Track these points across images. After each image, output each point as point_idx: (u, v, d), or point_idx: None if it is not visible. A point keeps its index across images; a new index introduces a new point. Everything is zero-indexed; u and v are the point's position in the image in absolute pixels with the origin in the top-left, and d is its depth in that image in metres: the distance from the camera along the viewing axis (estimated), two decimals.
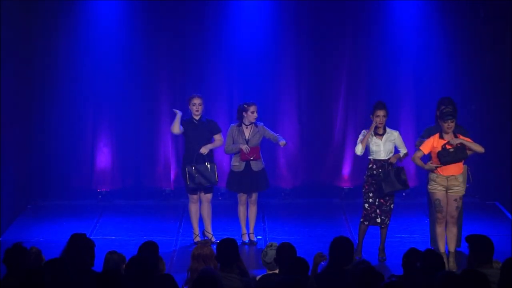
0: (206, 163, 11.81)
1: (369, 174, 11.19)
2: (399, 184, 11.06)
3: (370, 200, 11.16)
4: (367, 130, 11.18)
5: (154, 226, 12.99)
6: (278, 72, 14.36)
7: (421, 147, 10.84)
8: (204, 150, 11.82)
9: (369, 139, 11.16)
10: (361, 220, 11.25)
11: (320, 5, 14.18)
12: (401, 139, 11.29)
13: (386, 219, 11.20)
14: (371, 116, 11.22)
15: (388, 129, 11.22)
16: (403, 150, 11.24)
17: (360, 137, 11.23)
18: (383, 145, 11.14)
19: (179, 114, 11.86)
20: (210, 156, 11.93)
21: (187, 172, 11.76)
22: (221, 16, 14.18)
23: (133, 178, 14.50)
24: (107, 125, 14.34)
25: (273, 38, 14.27)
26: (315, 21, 14.24)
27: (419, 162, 10.84)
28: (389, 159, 11.14)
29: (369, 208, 11.17)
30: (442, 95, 11.76)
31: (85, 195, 14.37)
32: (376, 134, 11.16)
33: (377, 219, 11.19)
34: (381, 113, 11.11)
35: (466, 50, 14.14)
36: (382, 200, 11.16)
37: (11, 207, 12.97)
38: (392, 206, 11.24)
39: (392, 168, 11.11)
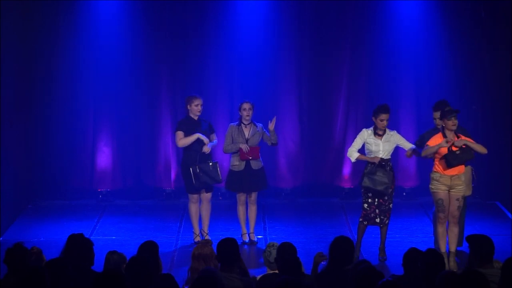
0: (209, 162, 11.82)
1: None
2: (379, 186, 11.03)
3: (369, 200, 11.16)
4: (368, 129, 11.18)
5: (154, 226, 12.99)
6: (278, 72, 14.36)
7: (428, 143, 10.78)
8: (206, 149, 11.83)
9: (368, 140, 11.15)
10: (360, 220, 11.25)
11: (321, 4, 14.18)
12: (400, 136, 11.29)
13: (385, 218, 11.19)
14: (373, 118, 11.19)
15: (387, 130, 11.21)
16: (409, 145, 11.22)
17: (359, 139, 11.20)
18: (382, 145, 11.14)
19: (197, 135, 11.83)
20: (211, 154, 11.94)
21: (192, 172, 11.75)
22: (221, 16, 14.18)
23: (134, 178, 14.51)
24: (107, 125, 14.35)
25: (273, 38, 14.27)
26: (315, 21, 14.25)
27: (433, 149, 10.71)
28: (387, 159, 11.12)
29: (368, 208, 11.17)
30: (442, 95, 11.77)
31: (86, 195, 14.38)
32: (376, 134, 11.16)
33: (376, 219, 11.18)
34: (385, 117, 11.08)
35: (466, 50, 14.14)
36: (381, 200, 11.15)
37: (11, 207, 12.97)
38: (391, 205, 11.22)
39: (382, 168, 11.06)
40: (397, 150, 11.79)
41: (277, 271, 7.88)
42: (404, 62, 14.28)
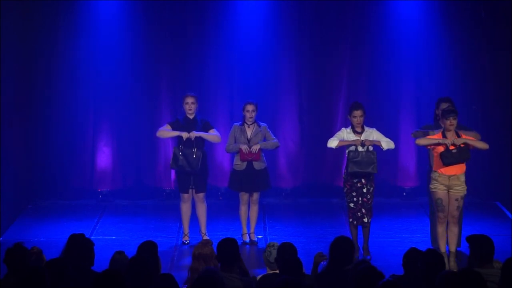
0: (194, 149, 11.79)
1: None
2: (367, 167, 11.05)
3: (354, 199, 11.20)
4: (346, 128, 11.25)
5: (154, 226, 12.99)
6: (279, 72, 14.36)
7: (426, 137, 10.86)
8: (192, 134, 11.79)
9: (347, 137, 11.20)
10: (350, 220, 11.28)
11: (321, 4, 14.18)
12: (380, 134, 11.31)
13: (370, 218, 11.23)
14: (348, 116, 11.28)
15: (366, 128, 11.29)
16: (383, 139, 11.23)
17: (340, 133, 11.26)
18: None
19: (176, 133, 11.86)
20: (201, 144, 11.86)
21: (172, 153, 11.80)
22: (221, 16, 14.18)
23: (134, 178, 14.51)
24: (107, 125, 14.35)
25: (273, 38, 14.27)
26: (315, 21, 14.25)
27: (426, 141, 10.78)
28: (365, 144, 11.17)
29: (354, 207, 11.21)
30: (442, 95, 11.77)
31: (86, 195, 14.38)
32: (354, 132, 11.23)
33: (363, 219, 11.20)
34: (357, 113, 11.19)
35: (466, 50, 14.15)
36: (365, 199, 11.18)
37: (11, 207, 12.97)
38: (372, 204, 11.23)
39: (365, 150, 11.10)
40: (397, 150, 11.79)
41: (277, 271, 7.88)
42: (404, 62, 14.27)
